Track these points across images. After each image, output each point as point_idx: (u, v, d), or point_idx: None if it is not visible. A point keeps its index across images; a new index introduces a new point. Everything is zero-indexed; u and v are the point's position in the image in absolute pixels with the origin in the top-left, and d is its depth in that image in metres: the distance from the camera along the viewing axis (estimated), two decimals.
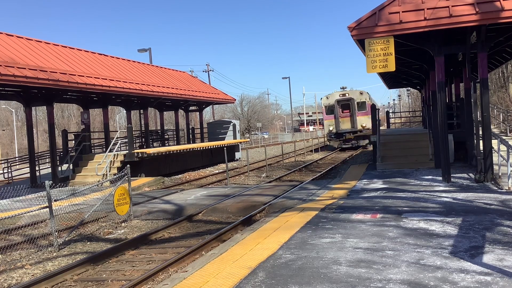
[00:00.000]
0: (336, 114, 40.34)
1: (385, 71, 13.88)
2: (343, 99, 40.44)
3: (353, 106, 39.88)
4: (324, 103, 41.99)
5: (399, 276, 5.74)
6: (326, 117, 41.72)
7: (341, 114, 40.39)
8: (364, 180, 15.28)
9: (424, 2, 12.39)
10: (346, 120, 40.28)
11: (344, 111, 40.24)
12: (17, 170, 30.48)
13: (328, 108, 41.10)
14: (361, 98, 40.31)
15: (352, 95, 40.45)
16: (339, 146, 40.65)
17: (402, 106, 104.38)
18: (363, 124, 39.07)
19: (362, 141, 40.02)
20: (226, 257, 7.13)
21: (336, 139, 40.76)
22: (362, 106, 39.89)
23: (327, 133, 41.81)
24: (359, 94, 40.58)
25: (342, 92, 41.23)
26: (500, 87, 45.67)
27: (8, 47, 18.91)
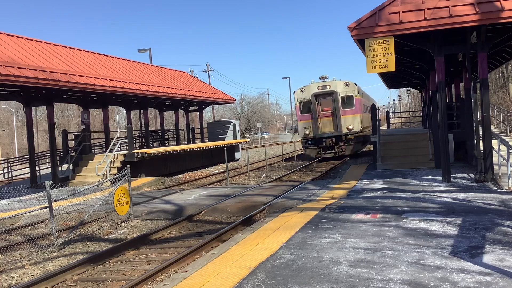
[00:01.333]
0: (314, 113, 29.42)
1: (385, 71, 13.88)
2: (322, 92, 29.52)
3: (336, 101, 29.09)
4: (297, 98, 30.44)
5: (399, 276, 5.74)
6: (300, 117, 30.42)
7: (321, 113, 29.58)
8: (364, 180, 15.28)
9: (424, 2, 12.39)
10: (327, 120, 29.53)
11: (324, 109, 29.56)
12: (17, 170, 30.49)
13: (304, 105, 30.13)
14: (346, 91, 29.44)
15: (335, 87, 29.46)
16: (318, 156, 30.03)
17: (402, 106, 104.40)
18: (350, 125, 28.95)
19: (348, 148, 29.49)
20: (226, 257, 7.13)
21: (314, 146, 29.99)
22: (348, 102, 29.38)
23: (302, 138, 30.40)
24: (344, 86, 29.58)
25: (322, 83, 29.88)
26: (500, 87, 45.67)
27: (8, 47, 18.91)
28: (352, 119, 29.28)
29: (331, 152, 29.64)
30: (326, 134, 29.49)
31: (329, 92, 29.34)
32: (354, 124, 29.17)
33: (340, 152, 29.40)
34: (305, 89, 30.07)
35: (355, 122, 29.20)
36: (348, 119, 29.23)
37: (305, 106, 30.09)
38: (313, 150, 30.05)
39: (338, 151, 29.43)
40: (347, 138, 29.17)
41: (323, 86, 29.66)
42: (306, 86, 30.21)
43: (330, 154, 29.69)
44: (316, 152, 29.97)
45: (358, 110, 29.45)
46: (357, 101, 29.31)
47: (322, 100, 29.58)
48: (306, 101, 29.92)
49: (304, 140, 30.30)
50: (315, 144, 29.87)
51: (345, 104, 29.29)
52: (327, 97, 29.40)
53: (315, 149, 29.95)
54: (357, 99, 29.57)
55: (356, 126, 29.20)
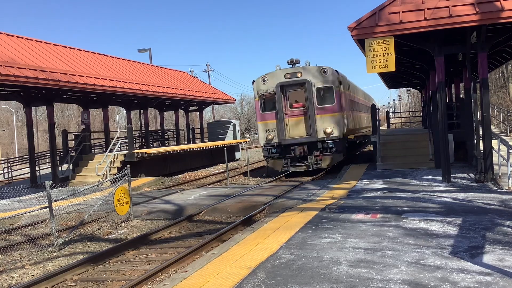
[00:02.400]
0: (279, 111, 21.32)
1: (385, 71, 13.88)
2: (291, 82, 21.39)
3: (310, 94, 21.05)
4: (258, 89, 22.07)
5: (399, 276, 5.74)
6: (261, 116, 22.07)
7: (288, 111, 21.61)
8: (364, 180, 15.28)
9: (424, 2, 12.39)
10: (297, 121, 21.60)
11: (294, 105, 21.63)
12: (17, 170, 30.49)
13: (266, 100, 21.89)
14: (324, 80, 21.26)
15: (308, 75, 21.37)
16: (285, 169, 21.68)
17: (402, 106, 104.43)
18: (328, 128, 20.93)
19: (325, 159, 21.26)
20: (226, 257, 7.13)
21: (280, 156, 21.63)
22: (326, 96, 21.29)
23: (263, 144, 22.04)
24: (320, 74, 21.31)
25: (290, 70, 21.68)
26: (500, 87, 45.69)
27: (8, 47, 18.91)
28: (331, 119, 20.92)
29: (302, 165, 21.24)
30: (295, 139, 21.17)
31: (300, 82, 21.08)
32: (334, 126, 20.87)
33: (314, 165, 21.12)
34: (268, 77, 21.56)
35: (336, 123, 20.88)
36: (326, 120, 20.89)
37: (268, 101, 21.74)
38: (278, 161, 21.44)
39: (312, 164, 21.11)
40: (324, 146, 20.99)
41: (292, 73, 21.24)
42: (270, 73, 21.70)
43: (301, 168, 21.28)
44: (282, 165, 21.36)
45: (340, 108, 21.15)
46: (340, 95, 21.25)
47: (290, 93, 21.40)
48: (269, 94, 21.52)
49: (267, 148, 21.66)
50: (281, 153, 21.46)
51: (322, 98, 21.05)
52: (298, 88, 21.23)
53: (281, 161, 21.34)
54: (339, 92, 21.35)
55: (338, 129, 20.87)
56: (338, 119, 21.12)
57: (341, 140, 21.10)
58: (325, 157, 21.15)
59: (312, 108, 20.91)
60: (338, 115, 21.19)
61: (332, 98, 21.13)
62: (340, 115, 21.30)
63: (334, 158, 21.17)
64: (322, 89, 21.17)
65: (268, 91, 21.67)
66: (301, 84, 21.25)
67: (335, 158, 21.20)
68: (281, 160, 21.50)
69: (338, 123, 21.06)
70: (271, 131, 21.65)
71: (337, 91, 21.20)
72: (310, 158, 21.20)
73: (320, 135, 20.98)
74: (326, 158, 21.14)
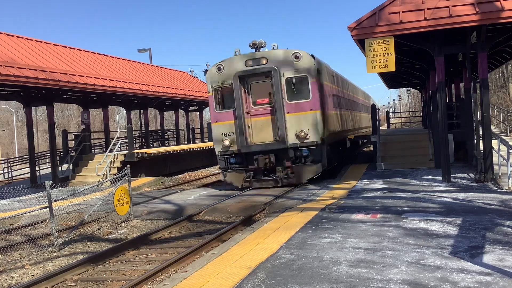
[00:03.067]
0: (238, 109, 16.35)
1: (385, 71, 13.89)
2: (253, 70, 16.44)
3: (278, 87, 16.08)
4: (211, 81, 17.07)
5: (399, 276, 5.74)
6: (216, 116, 17.07)
7: (251, 108, 16.67)
8: (364, 180, 15.28)
9: (424, 2, 12.39)
10: (263, 122, 16.68)
11: (257, 101, 16.75)
12: (17, 170, 30.50)
13: (222, 94, 17.00)
14: (296, 69, 16.27)
15: (275, 61, 16.35)
16: (247, 185, 16.75)
17: (402, 106, 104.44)
18: (303, 130, 16.04)
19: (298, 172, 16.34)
20: (226, 257, 7.13)
21: (240, 166, 16.81)
22: (300, 89, 16.37)
23: (219, 152, 16.92)
24: (292, 60, 16.25)
25: (253, 55, 16.59)
26: (500, 87, 45.69)
27: (8, 47, 18.91)
28: (306, 119, 15.97)
29: (268, 179, 16.36)
30: (260, 146, 16.17)
31: (265, 71, 16.13)
32: (310, 128, 15.90)
33: (284, 179, 16.16)
34: (225, 66, 16.59)
35: (313, 124, 15.93)
36: (299, 120, 15.99)
37: (224, 97, 16.86)
38: (238, 175, 16.61)
39: (281, 178, 16.14)
40: (297, 154, 16.08)
41: (255, 60, 16.27)
42: (227, 60, 16.70)
43: (268, 183, 16.37)
44: (243, 179, 16.52)
45: (319, 104, 16.13)
46: (318, 88, 16.18)
47: (253, 86, 16.49)
48: (225, 87, 16.61)
49: (223, 156, 16.69)
50: (242, 164, 16.55)
51: (294, 92, 16.12)
52: (262, 79, 16.33)
53: (241, 174, 16.52)
54: (318, 83, 16.22)
55: (315, 131, 15.90)
56: (315, 118, 15.87)
57: (319, 146, 15.84)
58: (298, 169, 16.04)
59: (281, 104, 15.78)
60: (315, 113, 15.87)
61: (307, 92, 15.93)
62: (318, 114, 15.89)
63: (310, 170, 16.04)
64: (293, 79, 15.94)
65: (224, 84, 16.51)
66: (266, 74, 16.09)
67: (311, 170, 16.05)
68: (242, 173, 16.44)
69: (315, 124, 15.85)
70: (229, 136, 16.47)
71: (314, 83, 15.95)
72: (279, 170, 16.09)
73: (292, 140, 15.85)
74: (300, 170, 16.05)
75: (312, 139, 15.87)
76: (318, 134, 15.93)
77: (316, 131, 15.94)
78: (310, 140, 15.88)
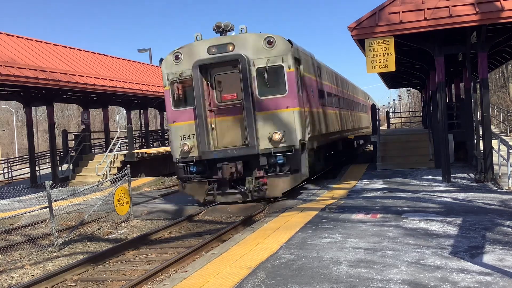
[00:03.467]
0: (199, 106, 13.45)
1: (385, 71, 13.89)
2: (218, 59, 13.55)
3: (247, 79, 13.17)
4: (168, 72, 14.04)
5: (399, 276, 5.74)
6: (173, 115, 14.11)
7: (216, 106, 13.81)
8: (364, 180, 15.28)
9: (424, 2, 12.40)
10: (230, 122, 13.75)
11: (224, 97, 13.88)
12: (17, 170, 30.50)
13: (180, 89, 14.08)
14: (270, 57, 13.27)
15: (243, 47, 13.37)
16: (210, 199, 13.79)
17: (402, 106, 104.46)
18: (277, 133, 13.06)
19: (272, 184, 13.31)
20: (226, 257, 7.13)
21: (202, 176, 13.79)
22: (273, 81, 13.34)
23: (177, 159, 13.90)
24: (264, 46, 13.30)
25: (217, 41, 13.67)
26: (500, 87, 45.70)
27: (8, 47, 18.92)
28: (282, 119, 13.18)
29: (236, 192, 13.57)
30: (225, 152, 13.35)
31: (232, 60, 13.38)
32: (287, 129, 13.08)
33: (255, 193, 13.27)
34: (183, 53, 13.78)
35: (290, 125, 13.10)
36: (274, 120, 13.19)
37: (184, 92, 14.02)
38: (199, 186, 13.79)
39: (251, 190, 13.23)
40: (270, 162, 13.23)
41: (220, 46, 13.50)
42: (186, 46, 13.84)
43: (235, 197, 13.62)
44: (206, 192, 13.67)
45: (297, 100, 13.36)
46: (296, 80, 13.47)
47: (218, 77, 13.79)
48: (184, 79, 13.79)
49: (182, 164, 13.86)
50: (204, 173, 13.73)
51: (267, 86, 13.30)
52: (229, 69, 13.62)
53: (203, 185, 13.72)
54: (296, 75, 13.48)
55: (292, 134, 13.10)
56: (292, 118, 13.05)
57: (297, 151, 13.03)
58: (272, 180, 13.17)
59: (250, 101, 13.00)
60: (292, 112, 13.09)
61: (283, 85, 13.14)
62: (296, 112, 13.11)
63: (285, 181, 13.15)
64: (266, 70, 13.03)
65: (183, 75, 13.68)
66: (234, 63, 13.30)
67: (287, 181, 13.16)
68: (204, 185, 13.63)
69: (292, 125, 13.01)
70: (188, 139, 13.67)
71: (292, 74, 13.14)
72: (249, 181, 13.16)
73: (264, 145, 13.04)
74: (273, 181, 13.17)
75: (289, 143, 12.97)
76: (296, 137, 12.97)
77: (293, 134, 12.99)
78: (286, 145, 12.96)
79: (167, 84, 13.96)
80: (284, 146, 13.01)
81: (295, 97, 13.22)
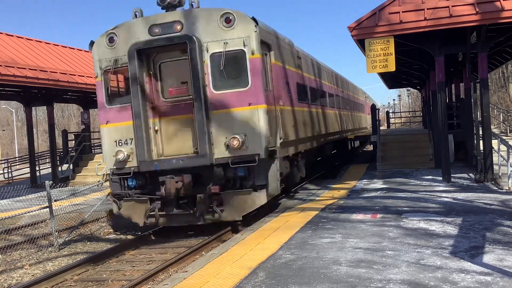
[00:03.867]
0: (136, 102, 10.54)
1: (385, 71, 13.89)
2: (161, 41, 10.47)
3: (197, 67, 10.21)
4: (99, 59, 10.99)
5: (399, 276, 5.74)
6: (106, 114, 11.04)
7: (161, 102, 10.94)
8: (364, 180, 15.28)
9: (424, 2, 12.40)
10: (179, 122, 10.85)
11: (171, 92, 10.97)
12: (17, 170, 30.48)
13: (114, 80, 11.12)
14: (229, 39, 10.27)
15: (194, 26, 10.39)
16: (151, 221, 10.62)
17: (402, 106, 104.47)
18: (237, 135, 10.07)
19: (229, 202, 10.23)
20: (226, 257, 7.13)
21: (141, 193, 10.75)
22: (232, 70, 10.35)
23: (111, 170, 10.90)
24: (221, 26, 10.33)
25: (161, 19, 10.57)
26: (500, 87, 45.71)
27: (8, 47, 18.92)
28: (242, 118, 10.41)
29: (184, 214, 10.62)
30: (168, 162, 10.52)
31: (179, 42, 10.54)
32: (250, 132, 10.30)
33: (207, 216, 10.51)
34: (119, 34, 10.95)
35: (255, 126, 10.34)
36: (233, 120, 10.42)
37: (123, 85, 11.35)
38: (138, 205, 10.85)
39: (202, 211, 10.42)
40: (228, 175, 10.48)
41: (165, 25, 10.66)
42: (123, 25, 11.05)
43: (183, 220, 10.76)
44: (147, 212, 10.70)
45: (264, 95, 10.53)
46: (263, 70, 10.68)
47: (164, 66, 11.17)
48: (121, 68, 10.99)
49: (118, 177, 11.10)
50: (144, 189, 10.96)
51: (224, 77, 10.43)
52: (178, 55, 10.94)
53: (144, 204, 10.78)
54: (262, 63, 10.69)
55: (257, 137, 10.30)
56: (256, 118, 10.24)
57: (264, 161, 10.24)
58: (231, 197, 10.26)
59: (202, 96, 10.22)
60: (256, 110, 10.24)
61: (244, 76, 10.33)
62: (262, 110, 10.26)
63: (248, 200, 10.24)
64: (223, 56, 10.19)
65: (119, 63, 10.81)
66: (183, 48, 10.45)
67: (250, 200, 10.24)
68: (145, 204, 10.67)
69: (256, 127, 10.22)
70: (125, 145, 10.79)
71: (257, 62, 10.32)
72: (200, 200, 10.27)
73: (220, 153, 10.25)
74: (232, 200, 10.25)
75: (252, 150, 10.10)
76: (261, 143, 10.15)
77: (257, 138, 10.16)
78: (249, 153, 10.09)
79: (99, 74, 11.01)
80: (245, 155, 10.12)
81: (260, 91, 10.26)
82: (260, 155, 10.14)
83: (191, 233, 11.11)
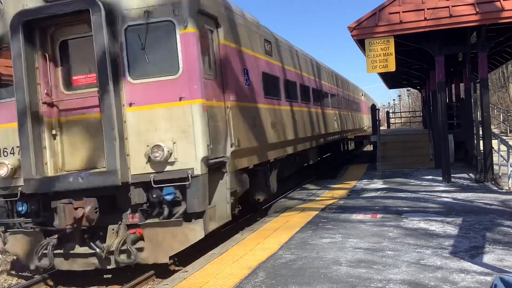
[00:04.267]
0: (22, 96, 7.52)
1: (385, 71, 13.88)
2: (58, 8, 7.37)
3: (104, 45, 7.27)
4: None
5: (399, 276, 5.74)
6: None
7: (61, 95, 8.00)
8: (364, 180, 15.28)
9: (425, 2, 12.39)
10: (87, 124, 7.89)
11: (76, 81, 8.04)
12: None
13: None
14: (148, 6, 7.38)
15: None
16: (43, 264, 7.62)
17: (402, 106, 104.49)
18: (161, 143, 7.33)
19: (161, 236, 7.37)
20: (226, 257, 7.13)
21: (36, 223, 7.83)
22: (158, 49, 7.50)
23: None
24: None
25: None
26: (500, 87, 45.71)
27: None
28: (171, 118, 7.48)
29: (86, 254, 7.64)
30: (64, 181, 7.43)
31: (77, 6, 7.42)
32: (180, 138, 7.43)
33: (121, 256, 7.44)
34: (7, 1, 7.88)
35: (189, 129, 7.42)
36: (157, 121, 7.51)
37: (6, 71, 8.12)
38: (29, 239, 7.90)
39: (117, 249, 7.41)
40: (153, 199, 7.46)
41: None
42: None
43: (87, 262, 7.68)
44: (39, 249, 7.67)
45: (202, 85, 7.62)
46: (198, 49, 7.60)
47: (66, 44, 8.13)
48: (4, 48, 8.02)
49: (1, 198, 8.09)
50: (38, 217, 7.89)
51: (145, 59, 7.53)
52: (83, 29, 7.82)
53: (37, 238, 7.85)
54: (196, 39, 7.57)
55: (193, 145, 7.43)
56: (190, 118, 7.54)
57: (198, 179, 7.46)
58: (154, 231, 7.60)
59: (111, 87, 7.45)
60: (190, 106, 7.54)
61: (173, 59, 7.62)
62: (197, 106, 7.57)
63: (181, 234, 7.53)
64: (145, 29, 7.51)
65: (5, 40, 7.98)
66: (83, 17, 7.62)
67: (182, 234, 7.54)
68: (38, 237, 7.98)
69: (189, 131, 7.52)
70: (11, 155, 8.11)
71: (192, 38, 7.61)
72: (112, 233, 7.68)
73: (139, 167, 7.59)
74: (157, 234, 7.58)
75: (183, 164, 7.49)
76: (198, 153, 7.49)
77: (191, 146, 7.50)
78: (178, 167, 7.49)
79: None
80: (174, 170, 7.46)
81: (197, 81, 7.56)
82: (195, 170, 7.35)
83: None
